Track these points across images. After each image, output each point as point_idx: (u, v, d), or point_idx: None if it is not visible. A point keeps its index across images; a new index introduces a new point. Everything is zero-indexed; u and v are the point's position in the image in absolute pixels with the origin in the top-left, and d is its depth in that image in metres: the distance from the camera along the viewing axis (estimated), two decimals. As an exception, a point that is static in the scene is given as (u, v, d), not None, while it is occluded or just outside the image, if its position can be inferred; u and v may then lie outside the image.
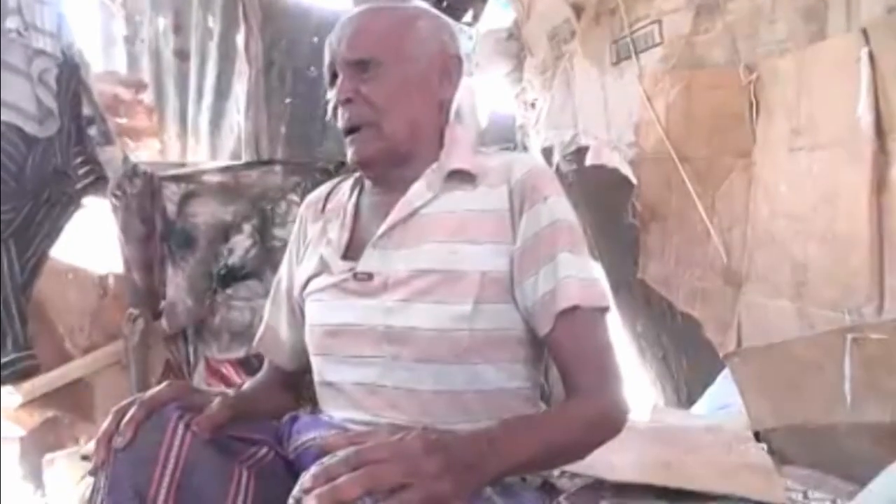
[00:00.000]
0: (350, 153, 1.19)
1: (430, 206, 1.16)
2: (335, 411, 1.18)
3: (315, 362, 1.22)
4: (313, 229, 1.31)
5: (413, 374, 1.10)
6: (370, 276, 1.14)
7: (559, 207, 1.13)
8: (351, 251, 1.20)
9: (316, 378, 1.23)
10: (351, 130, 1.17)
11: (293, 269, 1.33)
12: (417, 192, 1.17)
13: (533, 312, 1.10)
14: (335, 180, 1.36)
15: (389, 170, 1.19)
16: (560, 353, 1.09)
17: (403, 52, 1.16)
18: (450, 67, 1.21)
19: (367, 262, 1.15)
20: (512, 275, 1.11)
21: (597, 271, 1.14)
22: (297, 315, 1.30)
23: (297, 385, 1.37)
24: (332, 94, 1.19)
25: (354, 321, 1.14)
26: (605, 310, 1.11)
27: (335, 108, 1.19)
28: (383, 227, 1.15)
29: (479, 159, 1.20)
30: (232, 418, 1.06)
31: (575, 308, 1.06)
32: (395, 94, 1.15)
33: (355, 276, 1.15)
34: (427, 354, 1.09)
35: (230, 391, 1.25)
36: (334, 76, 1.19)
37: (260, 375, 1.38)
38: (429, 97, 1.20)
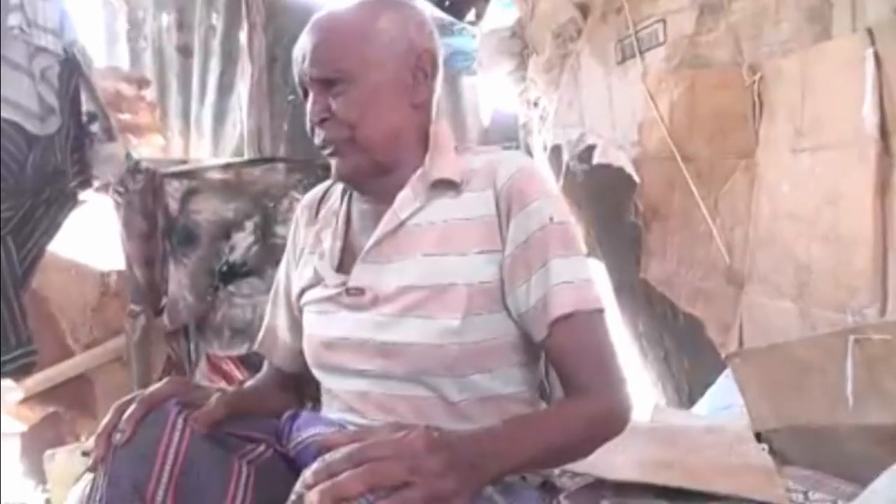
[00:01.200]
0: (332, 169, 1.18)
1: (417, 217, 1.14)
2: (333, 414, 1.18)
3: (313, 370, 1.23)
4: (307, 234, 1.30)
5: (405, 386, 1.10)
6: (361, 291, 1.13)
7: (548, 209, 1.10)
8: (344, 263, 1.19)
9: (319, 381, 1.24)
10: (327, 147, 1.15)
11: (290, 272, 1.33)
12: (403, 202, 1.14)
13: (527, 320, 1.09)
14: (328, 183, 1.34)
15: (373, 180, 1.17)
16: (558, 358, 1.08)
17: (370, 61, 1.12)
18: (423, 64, 1.16)
19: (358, 276, 1.14)
20: (502, 282, 1.10)
21: (590, 272, 1.12)
22: (296, 317, 1.30)
23: (297, 386, 1.37)
24: (307, 112, 1.16)
25: (347, 335, 1.13)
26: (600, 311, 1.09)
27: (312, 128, 1.16)
28: (371, 241, 1.14)
29: (463, 162, 1.17)
30: (230, 415, 1.06)
31: (569, 315, 1.05)
32: (367, 106, 1.12)
33: (347, 290, 1.14)
34: (418, 368, 1.08)
35: (230, 388, 1.25)
36: (305, 91, 1.16)
37: (260, 375, 1.39)
38: (404, 100, 1.16)
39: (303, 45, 1.15)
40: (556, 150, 3.44)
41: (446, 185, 1.15)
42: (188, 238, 2.96)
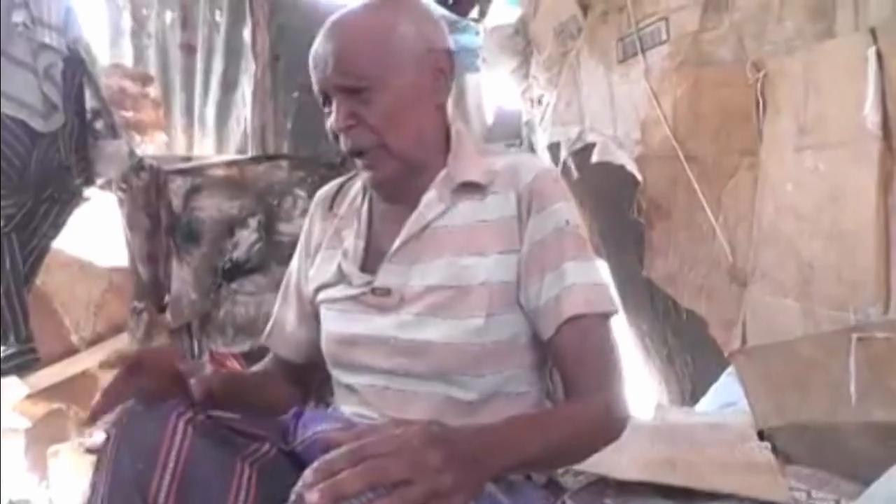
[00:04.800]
0: (364, 176, 1.19)
1: (442, 219, 1.16)
2: (347, 407, 1.20)
3: (330, 367, 1.25)
4: (323, 228, 1.31)
5: (424, 384, 1.12)
6: (388, 292, 1.15)
7: (565, 213, 1.13)
8: (368, 263, 1.20)
9: (333, 377, 1.25)
10: (358, 154, 1.15)
11: (303, 266, 1.34)
12: (429, 204, 1.16)
13: (536, 317, 1.11)
14: (344, 178, 1.36)
15: (404, 182, 1.19)
16: (562, 358, 1.10)
17: (393, 66, 1.12)
18: (441, 64, 1.17)
19: (385, 276, 1.16)
20: (518, 280, 1.12)
21: (602, 276, 1.14)
22: (307, 310, 1.31)
23: (301, 378, 1.38)
24: (328, 119, 1.15)
25: (370, 333, 1.15)
26: (610, 314, 1.11)
27: (335, 134, 1.15)
28: (398, 242, 1.16)
29: (486, 164, 1.19)
30: (223, 391, 1.09)
31: (579, 316, 1.07)
32: (395, 110, 1.12)
33: (373, 290, 1.16)
34: (439, 367, 1.10)
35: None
36: (326, 97, 1.15)
37: (262, 364, 1.40)
38: (428, 102, 1.17)
39: (322, 52, 1.13)
40: (553, 148, 3.44)
41: (471, 188, 1.16)
42: (191, 235, 2.97)
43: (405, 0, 1.20)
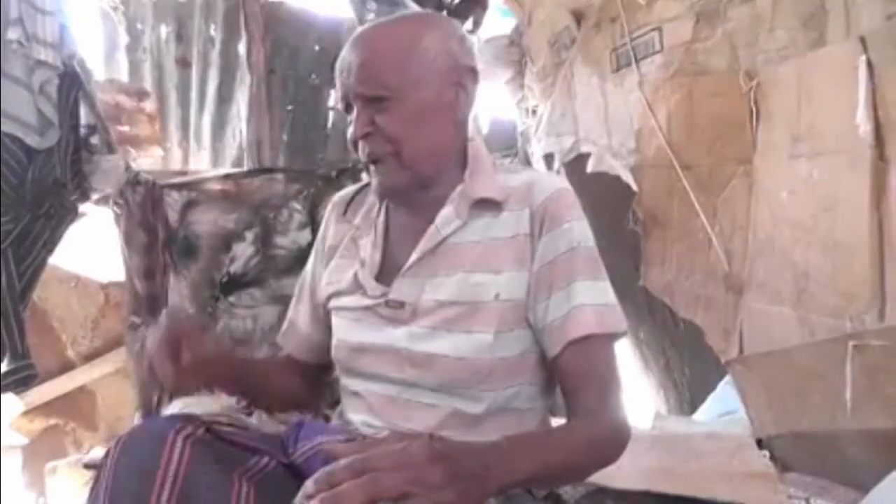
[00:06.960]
0: (374, 183, 1.20)
1: (458, 235, 1.17)
2: (354, 415, 1.21)
3: (340, 373, 1.26)
4: (337, 232, 1.33)
5: (431, 395, 1.12)
6: (401, 305, 1.16)
7: (578, 232, 1.14)
8: (383, 274, 1.21)
9: (341, 384, 1.26)
10: (372, 162, 1.16)
11: (317, 267, 1.36)
12: (445, 219, 1.17)
13: (543, 336, 1.12)
14: (359, 185, 1.37)
15: (414, 194, 1.19)
16: (566, 377, 1.10)
17: (414, 79, 1.13)
18: (464, 81, 1.18)
19: (399, 289, 1.17)
20: (528, 298, 1.12)
21: (612, 296, 1.14)
22: (319, 311, 1.33)
23: (312, 380, 1.40)
24: (350, 128, 1.17)
25: (381, 343, 1.16)
26: (617, 335, 1.12)
27: (354, 142, 1.17)
28: (414, 257, 1.17)
29: (502, 181, 1.19)
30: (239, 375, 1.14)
31: (586, 336, 1.08)
32: (412, 122, 1.13)
33: (387, 302, 1.17)
34: (448, 380, 1.11)
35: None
36: (348, 105, 1.17)
37: (276, 357, 1.44)
38: (446, 117, 1.18)
39: (347, 60, 1.15)
40: (548, 159, 3.45)
41: (487, 204, 1.17)
42: (188, 249, 2.96)
43: (434, 16, 1.25)
